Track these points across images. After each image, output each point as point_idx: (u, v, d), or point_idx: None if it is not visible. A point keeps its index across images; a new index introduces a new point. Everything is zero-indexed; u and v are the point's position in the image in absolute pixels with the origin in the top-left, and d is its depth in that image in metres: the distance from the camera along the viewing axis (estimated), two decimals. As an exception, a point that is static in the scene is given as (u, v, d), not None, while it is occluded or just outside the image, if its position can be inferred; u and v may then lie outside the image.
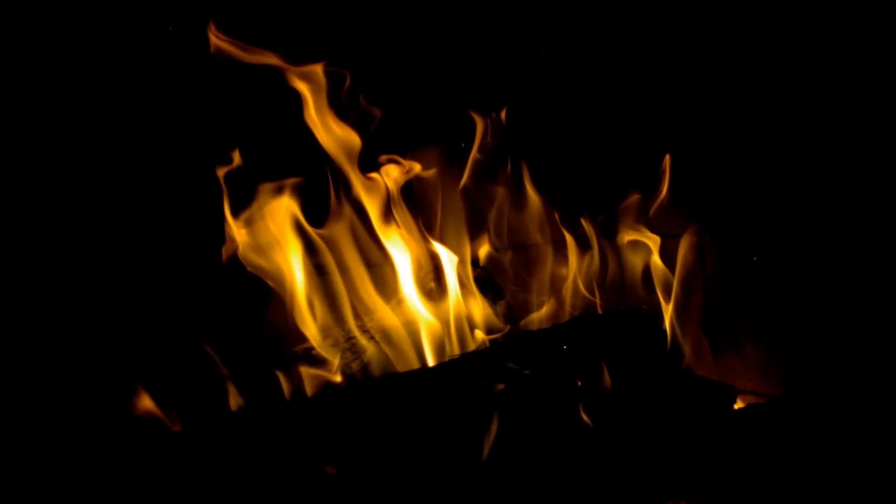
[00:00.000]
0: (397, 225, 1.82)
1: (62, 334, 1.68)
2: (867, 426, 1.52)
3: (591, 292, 1.95)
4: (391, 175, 1.85)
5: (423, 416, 1.50)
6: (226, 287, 1.78)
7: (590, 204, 2.02)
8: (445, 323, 1.72)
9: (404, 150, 1.91)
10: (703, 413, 1.60)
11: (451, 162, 2.01)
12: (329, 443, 1.47)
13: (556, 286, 2.00)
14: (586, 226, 1.97)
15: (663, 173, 1.93)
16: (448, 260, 1.82)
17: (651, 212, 1.94)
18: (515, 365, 1.56)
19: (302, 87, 1.77)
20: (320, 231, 1.77)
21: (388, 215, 1.82)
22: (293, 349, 1.70)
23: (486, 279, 1.87)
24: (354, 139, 1.78)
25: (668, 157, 1.92)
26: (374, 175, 1.83)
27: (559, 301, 1.95)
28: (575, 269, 1.95)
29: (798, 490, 1.42)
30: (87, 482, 1.45)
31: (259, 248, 1.71)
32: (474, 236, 1.97)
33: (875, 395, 1.62)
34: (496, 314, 1.80)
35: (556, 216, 2.03)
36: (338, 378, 1.65)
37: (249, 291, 1.77)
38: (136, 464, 1.46)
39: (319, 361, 1.66)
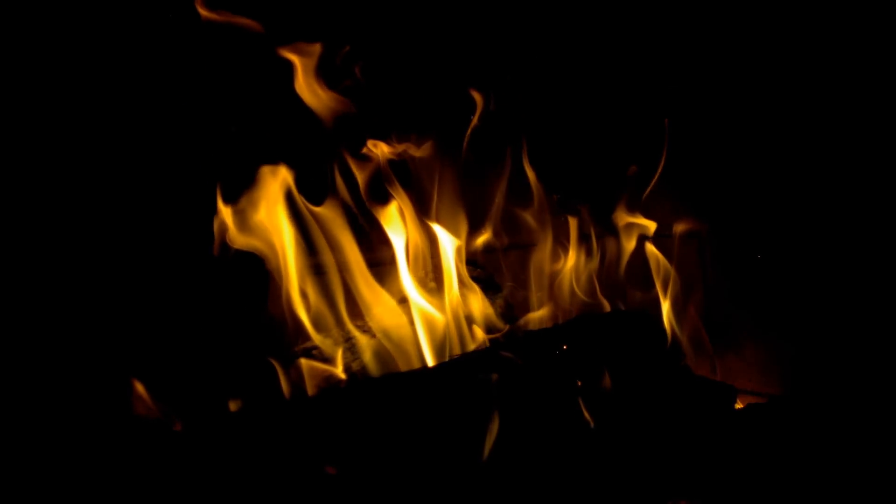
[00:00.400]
0: (394, 205, 1.79)
1: (59, 333, 1.66)
2: (867, 426, 1.54)
3: (591, 286, 1.94)
4: (383, 150, 1.82)
5: (423, 415, 1.49)
6: (223, 282, 1.76)
7: (588, 189, 2.00)
8: (445, 323, 1.71)
9: (400, 136, 1.87)
10: (703, 413, 1.60)
11: (447, 151, 1.96)
12: (329, 443, 1.46)
13: (554, 280, 1.98)
14: (584, 214, 1.95)
15: (663, 140, 1.90)
16: (449, 244, 1.79)
17: (650, 186, 1.92)
18: (510, 354, 1.56)
19: (293, 57, 1.73)
20: (316, 210, 1.73)
21: (384, 194, 1.78)
22: (293, 348, 1.68)
23: (485, 279, 1.85)
24: (347, 107, 1.74)
25: (666, 122, 1.90)
26: (366, 151, 1.79)
27: (559, 297, 1.94)
28: (574, 261, 1.93)
29: (798, 490, 1.44)
30: (87, 482, 1.44)
31: (253, 229, 1.68)
32: (472, 228, 1.94)
33: (875, 395, 1.64)
34: (496, 313, 1.79)
35: (555, 199, 2.00)
36: (341, 376, 1.64)
37: (247, 286, 1.75)
38: (136, 463, 1.46)
39: (320, 360, 1.65)
